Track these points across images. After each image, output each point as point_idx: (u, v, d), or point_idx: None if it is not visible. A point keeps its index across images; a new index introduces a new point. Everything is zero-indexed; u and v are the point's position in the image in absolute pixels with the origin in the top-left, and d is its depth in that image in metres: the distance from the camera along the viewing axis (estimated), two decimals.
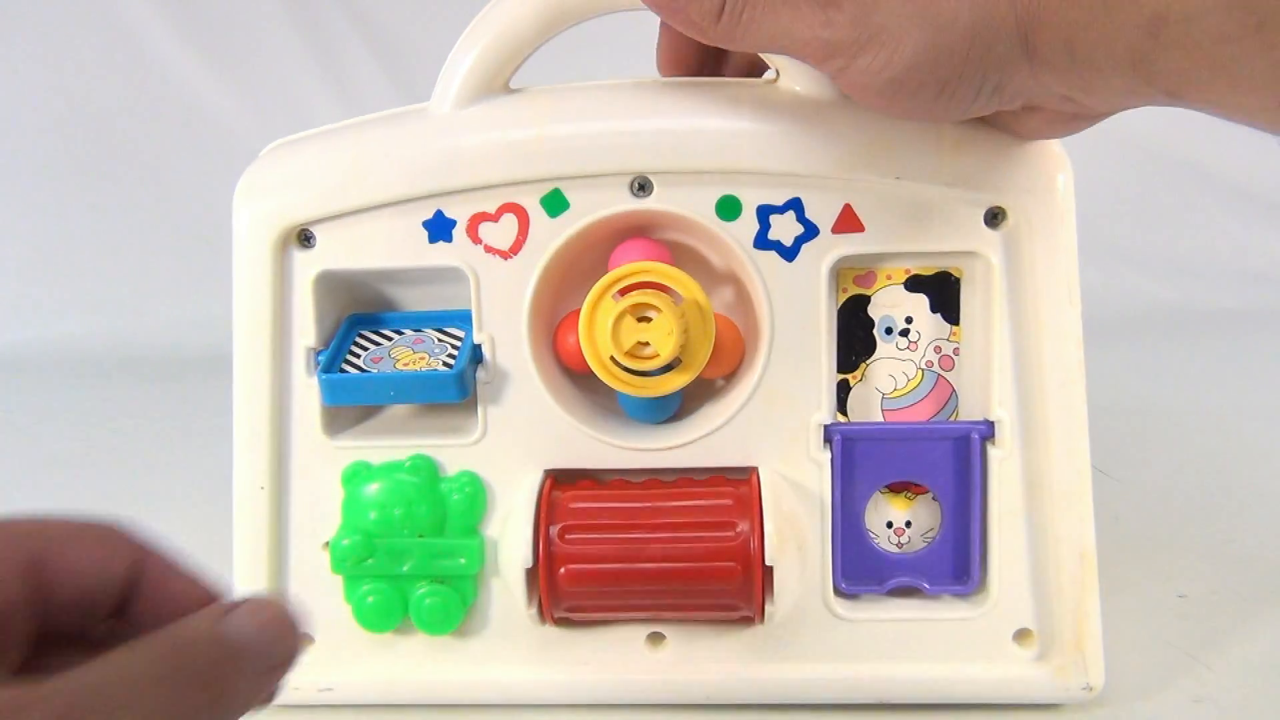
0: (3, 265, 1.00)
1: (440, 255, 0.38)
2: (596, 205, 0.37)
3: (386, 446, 0.39)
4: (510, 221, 0.37)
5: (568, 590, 0.37)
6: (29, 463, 0.72)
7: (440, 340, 0.40)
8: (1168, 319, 0.99)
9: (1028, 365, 0.37)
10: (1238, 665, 0.42)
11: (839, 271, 0.38)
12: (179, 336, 0.90)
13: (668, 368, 0.37)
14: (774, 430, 0.38)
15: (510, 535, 0.38)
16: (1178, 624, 0.45)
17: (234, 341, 0.38)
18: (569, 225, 0.37)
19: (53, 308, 1.02)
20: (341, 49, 1.11)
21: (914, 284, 0.39)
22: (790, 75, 0.36)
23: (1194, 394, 0.80)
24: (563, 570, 0.36)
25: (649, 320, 0.36)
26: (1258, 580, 0.49)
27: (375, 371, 0.38)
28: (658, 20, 0.37)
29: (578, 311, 0.36)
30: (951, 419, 0.39)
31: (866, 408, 0.39)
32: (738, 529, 0.36)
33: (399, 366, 0.39)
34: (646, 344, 0.36)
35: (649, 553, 0.36)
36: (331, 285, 0.39)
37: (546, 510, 0.37)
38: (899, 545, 0.40)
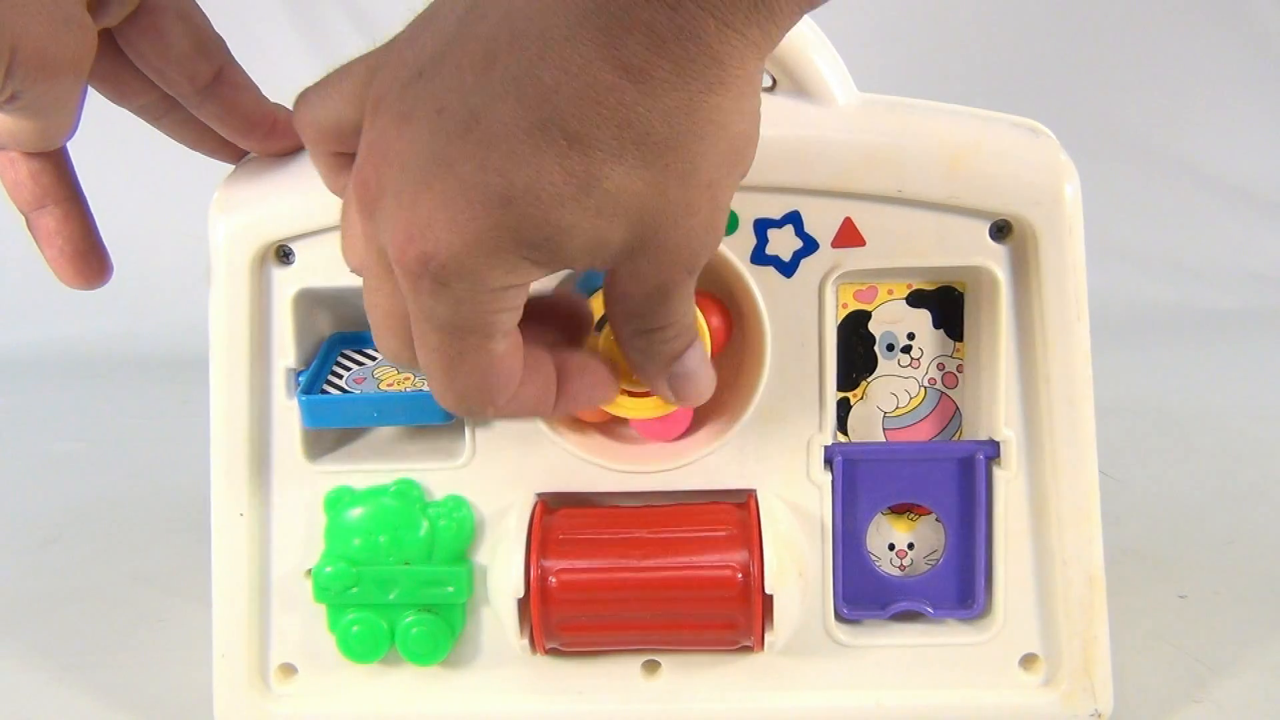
0: (3, 265, 0.99)
1: None
2: None
3: (370, 470, 0.38)
4: None
5: (560, 621, 0.35)
6: (29, 463, 0.72)
7: None
8: (1168, 319, 0.99)
9: (1034, 383, 0.36)
10: (1240, 666, 0.42)
11: (839, 286, 0.37)
12: (179, 336, 0.91)
13: None
14: (772, 451, 0.37)
15: (500, 563, 0.36)
16: (1179, 625, 0.45)
17: (210, 362, 0.37)
18: None
19: (53, 308, 1.01)
20: (341, 49, 1.10)
21: (916, 299, 0.37)
22: (788, 84, 0.35)
23: (1194, 394, 0.80)
24: (555, 600, 0.35)
25: None
26: (1259, 580, 0.49)
27: (358, 392, 0.37)
28: None
29: None
30: (955, 438, 0.38)
31: (868, 427, 0.38)
32: (736, 556, 0.35)
33: (383, 387, 0.37)
34: None
35: (645, 583, 0.35)
36: (312, 303, 0.38)
37: (538, 537, 0.36)
38: (901, 568, 0.39)
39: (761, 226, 0.35)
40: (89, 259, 0.35)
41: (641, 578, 0.35)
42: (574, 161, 0.24)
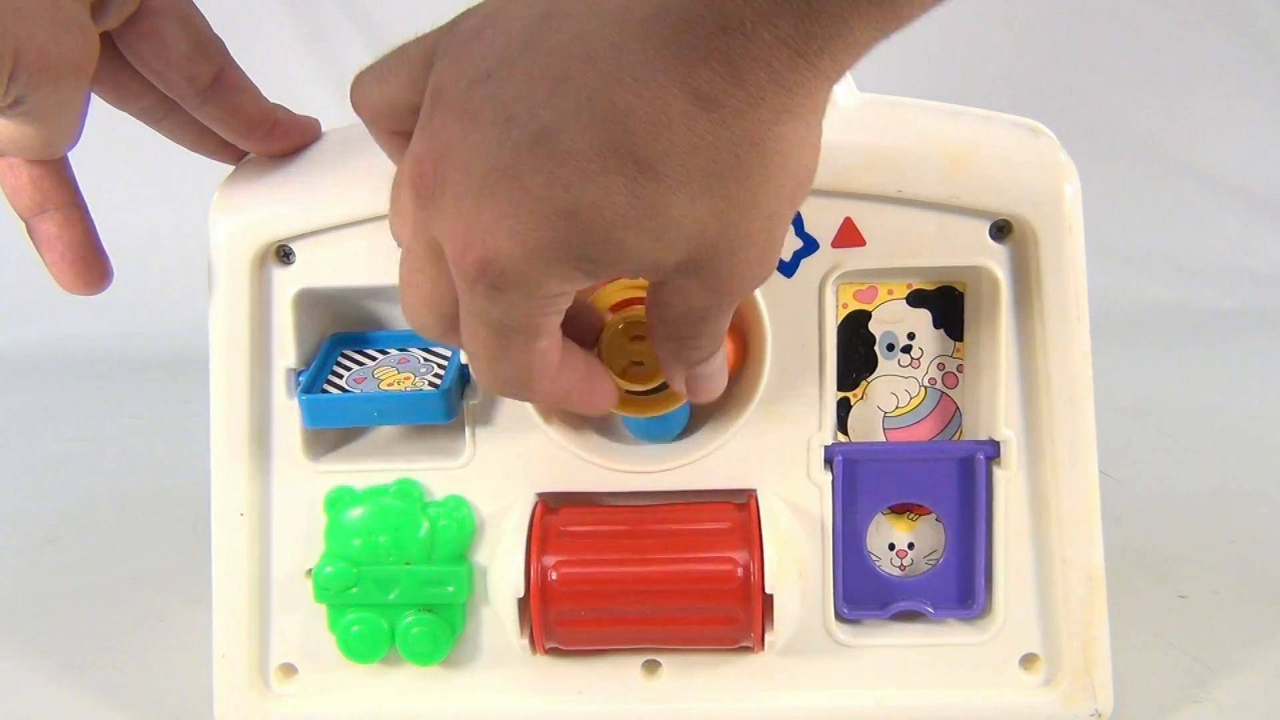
0: (3, 265, 0.99)
1: None
2: None
3: (370, 470, 0.38)
4: None
5: (560, 621, 0.35)
6: (29, 463, 0.72)
7: (426, 359, 0.39)
8: (1168, 319, 0.99)
9: (1034, 383, 0.36)
10: (1240, 666, 0.42)
11: (839, 286, 0.37)
12: (179, 336, 0.90)
13: (664, 385, 0.36)
14: (773, 451, 0.37)
15: (500, 563, 0.36)
16: (1179, 625, 0.45)
17: (210, 362, 0.37)
18: None
19: (53, 308, 1.01)
20: (341, 49, 1.10)
21: (916, 299, 0.37)
22: None
23: (1194, 394, 0.80)
24: (555, 594, 0.35)
25: (643, 339, 0.35)
26: (1259, 581, 0.49)
27: (358, 392, 0.37)
28: None
29: None
30: (955, 438, 0.38)
31: (868, 427, 0.38)
32: (737, 556, 0.35)
33: (383, 387, 0.37)
34: (641, 363, 0.35)
35: (645, 582, 0.35)
36: (312, 303, 0.38)
37: (538, 537, 0.36)
38: (901, 568, 0.39)
39: None
40: (90, 264, 0.35)
41: (641, 572, 0.35)
42: (641, 186, 0.24)
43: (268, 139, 0.36)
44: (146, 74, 0.34)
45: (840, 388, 0.38)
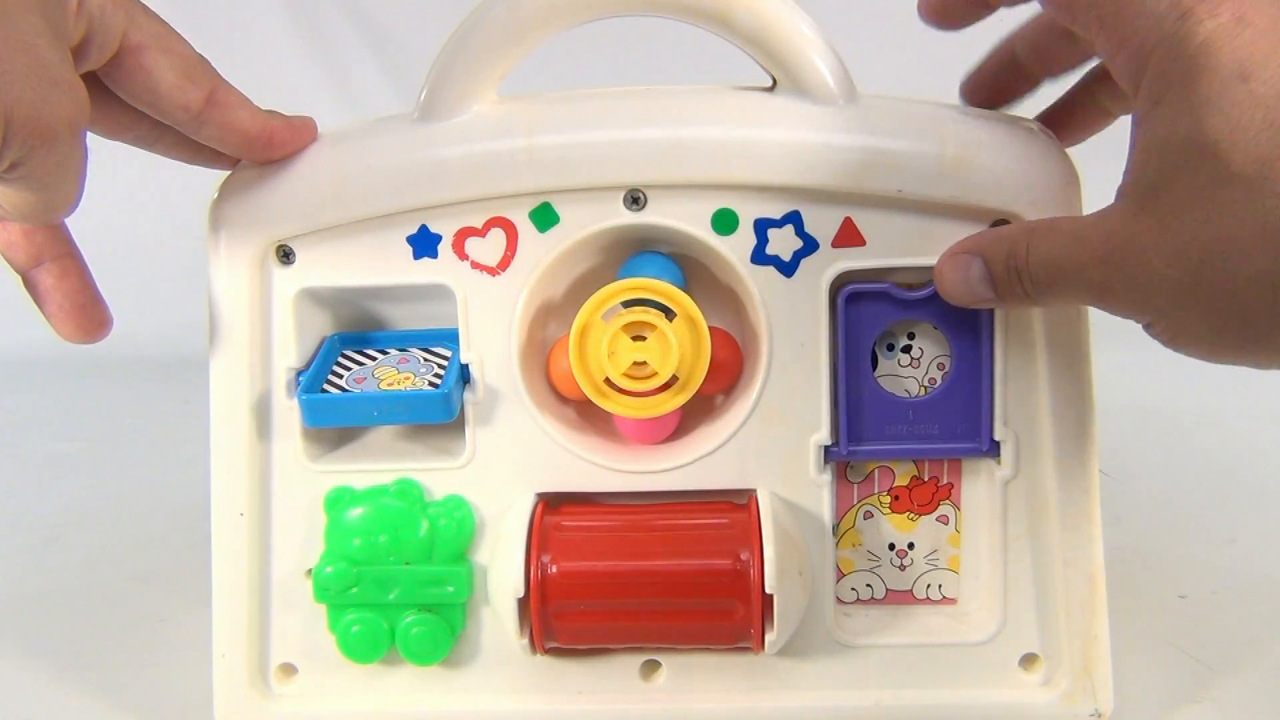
0: (3, 265, 0.99)
1: (425, 272, 0.36)
2: (588, 219, 0.36)
3: (370, 470, 0.38)
4: (498, 236, 0.36)
5: (559, 616, 0.35)
6: (29, 463, 0.72)
7: (426, 359, 0.39)
8: None
9: (1034, 383, 0.36)
10: (1240, 666, 0.42)
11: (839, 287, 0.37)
12: (179, 336, 0.90)
13: (664, 386, 0.36)
14: (773, 451, 0.37)
15: (500, 563, 0.36)
16: (1179, 625, 0.45)
17: (210, 362, 0.37)
18: (560, 240, 0.36)
19: None
20: (341, 49, 1.10)
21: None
22: (788, 84, 0.35)
23: (1194, 394, 0.79)
24: (554, 594, 0.35)
25: (644, 339, 0.35)
26: (1259, 580, 0.49)
27: (358, 392, 0.37)
28: (652, 24, 0.36)
29: (567, 338, 0.36)
30: None
31: None
32: (737, 556, 0.35)
33: (383, 386, 0.37)
34: (644, 363, 0.35)
35: (645, 582, 0.35)
36: (313, 303, 0.38)
37: (538, 537, 0.36)
38: (901, 568, 0.39)
39: (761, 226, 0.35)
40: (89, 313, 0.35)
41: (640, 566, 0.35)
42: None
43: (267, 150, 0.35)
44: (139, 107, 0.33)
45: None
